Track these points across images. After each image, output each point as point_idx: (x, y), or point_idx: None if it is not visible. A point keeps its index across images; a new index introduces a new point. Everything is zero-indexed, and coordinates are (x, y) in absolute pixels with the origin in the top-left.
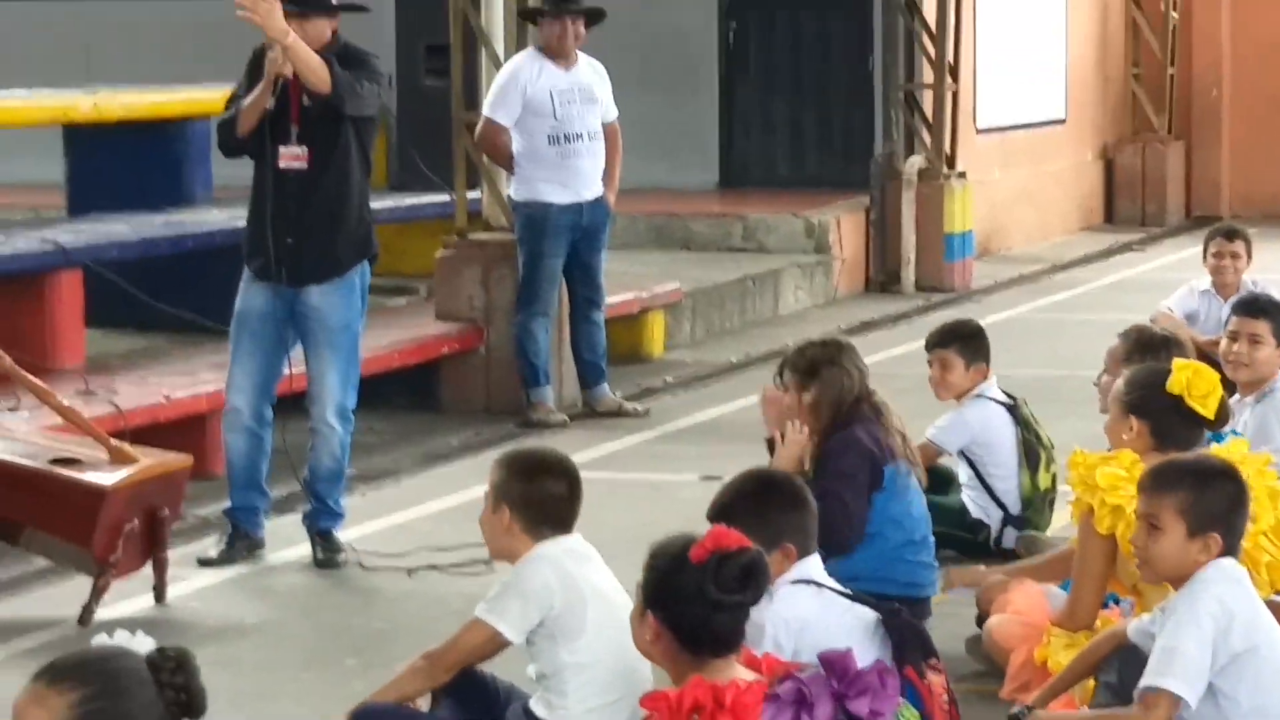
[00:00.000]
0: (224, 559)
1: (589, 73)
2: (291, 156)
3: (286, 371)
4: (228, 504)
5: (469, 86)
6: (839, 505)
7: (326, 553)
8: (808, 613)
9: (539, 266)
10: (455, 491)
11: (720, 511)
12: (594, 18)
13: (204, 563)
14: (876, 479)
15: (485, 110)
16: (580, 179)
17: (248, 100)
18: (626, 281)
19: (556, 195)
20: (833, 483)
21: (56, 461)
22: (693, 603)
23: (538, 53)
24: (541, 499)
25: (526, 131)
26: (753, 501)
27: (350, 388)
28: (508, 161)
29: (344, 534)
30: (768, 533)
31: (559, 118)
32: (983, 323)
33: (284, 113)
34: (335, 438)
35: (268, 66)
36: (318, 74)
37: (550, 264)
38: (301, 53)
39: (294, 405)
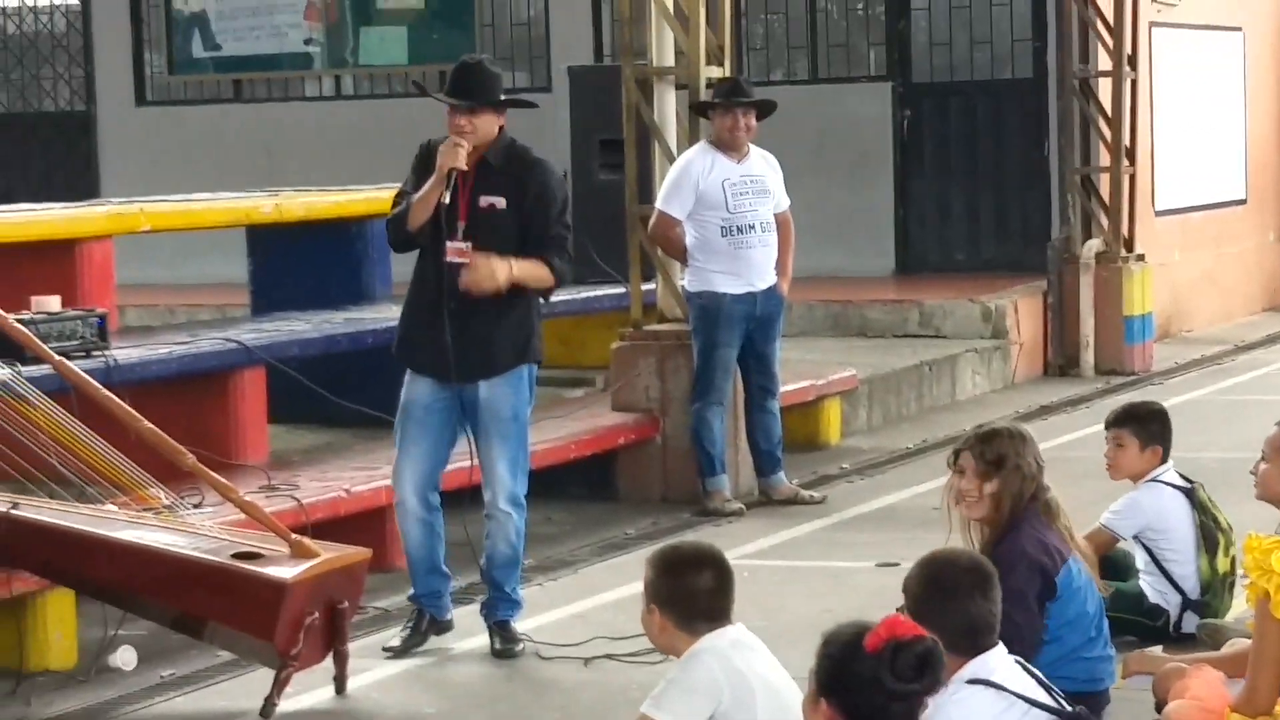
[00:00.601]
0: (408, 646)
1: (761, 164)
2: (456, 252)
3: (449, 459)
4: (411, 591)
5: (643, 180)
6: (1010, 627)
7: (504, 643)
8: (982, 716)
9: (714, 356)
10: (632, 581)
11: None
12: (765, 109)
13: (389, 652)
14: (1049, 590)
15: (659, 203)
16: (753, 269)
17: (418, 195)
18: (802, 369)
19: (730, 285)
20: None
21: (239, 556)
22: (867, 691)
23: (710, 146)
24: (689, 594)
25: (700, 224)
26: (932, 589)
27: (521, 474)
28: (681, 254)
29: (521, 624)
30: (957, 621)
31: (732, 209)
32: (1164, 404)
33: (452, 208)
34: (510, 524)
35: (440, 159)
36: (542, 284)
37: (725, 353)
38: (524, 271)
39: (474, 496)
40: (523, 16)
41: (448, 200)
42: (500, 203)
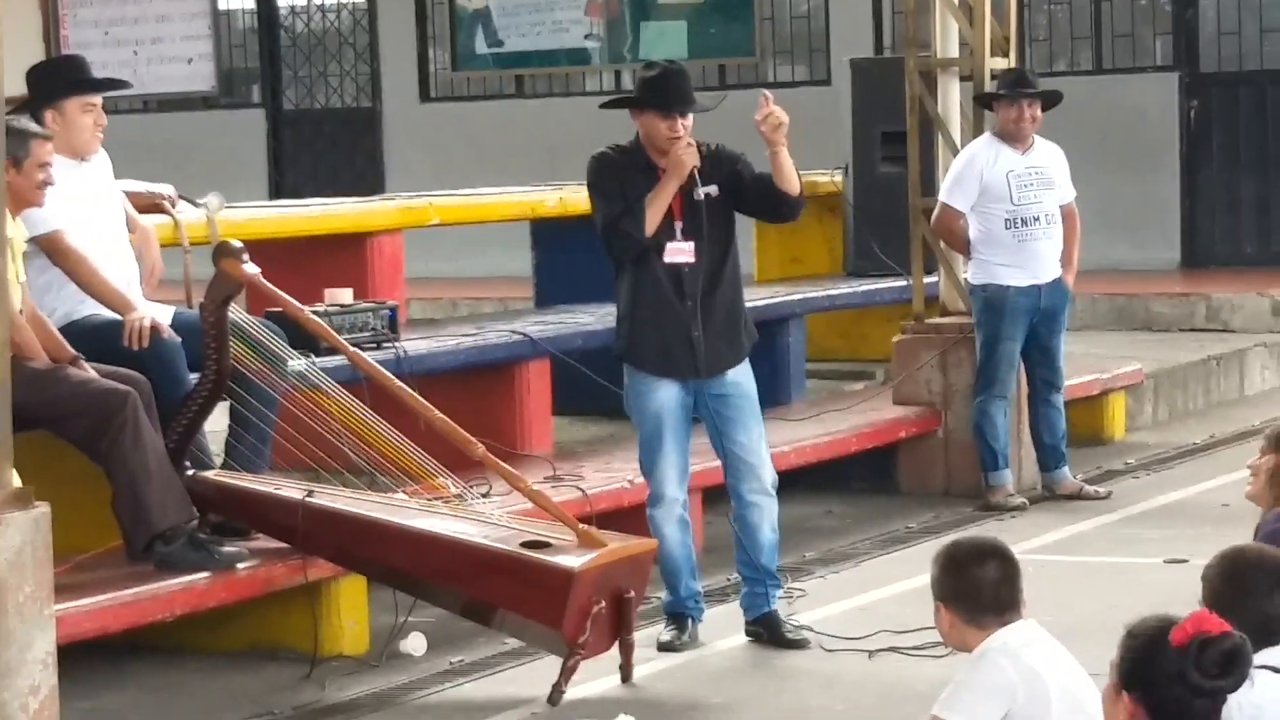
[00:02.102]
0: (681, 645)
1: (1046, 155)
2: (678, 251)
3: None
4: (668, 596)
5: (926, 172)
6: None
7: (788, 631)
8: (1266, 700)
9: (997, 349)
10: (915, 575)
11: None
12: (1051, 100)
13: (663, 648)
14: None
15: (942, 196)
16: (1038, 261)
17: (651, 197)
18: (1087, 363)
19: (1014, 278)
20: None
21: (527, 545)
22: (1172, 685)
23: (994, 137)
24: (974, 588)
25: (984, 216)
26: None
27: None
28: (964, 246)
29: (804, 616)
30: (1253, 619)
31: (1016, 201)
32: None
33: (668, 209)
34: (775, 507)
35: (680, 163)
36: (795, 174)
37: (1008, 347)
38: (787, 154)
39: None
40: (802, 9)
41: (701, 196)
42: (714, 190)
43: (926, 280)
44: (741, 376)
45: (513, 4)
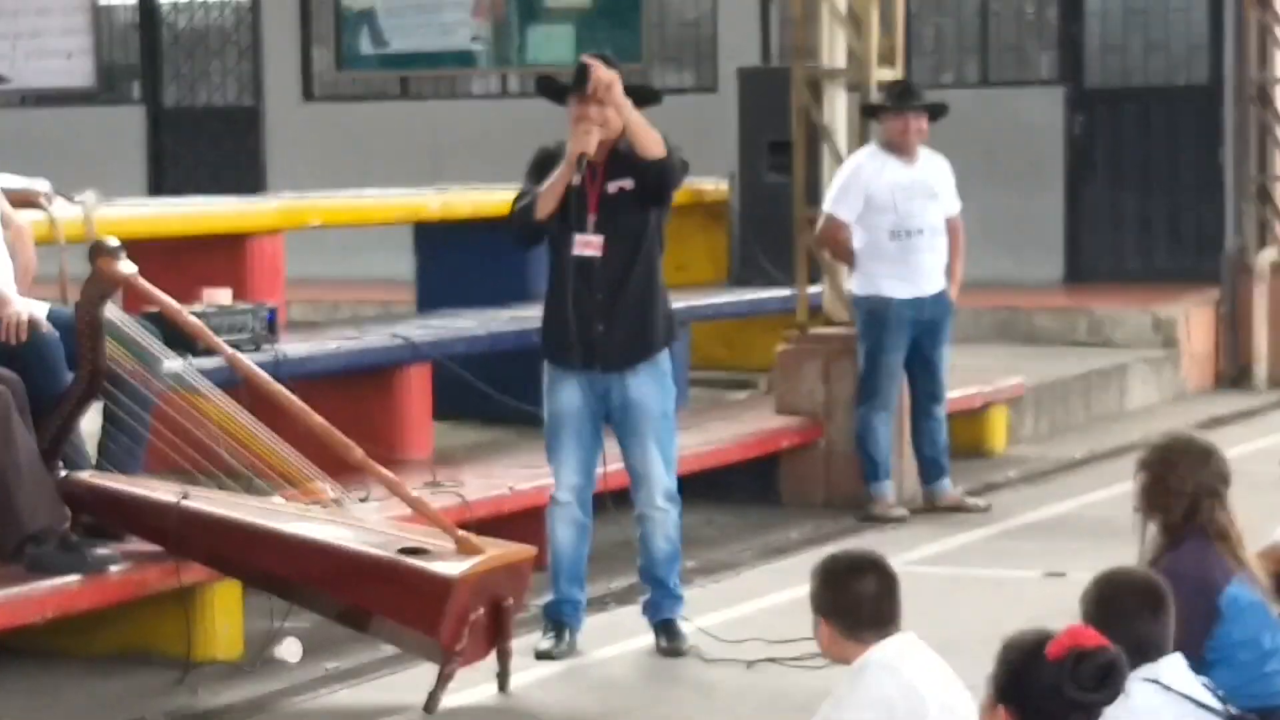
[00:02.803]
0: (560, 654)
1: (931, 168)
2: (584, 244)
3: (601, 466)
4: (550, 598)
5: (811, 182)
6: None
7: (670, 641)
8: (1147, 707)
9: (880, 361)
10: (795, 585)
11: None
12: (936, 113)
13: (541, 656)
14: (1211, 614)
15: (827, 206)
16: (922, 274)
17: (545, 183)
18: (969, 376)
19: (898, 290)
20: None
21: (405, 551)
22: (1048, 699)
23: (880, 148)
24: (853, 603)
25: (868, 227)
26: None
27: (672, 470)
28: (849, 257)
29: (683, 626)
30: (1127, 640)
31: (900, 213)
32: None
33: (581, 200)
34: (669, 520)
35: (571, 145)
36: (651, 135)
37: (891, 358)
38: (636, 115)
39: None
40: (690, 16)
41: (577, 182)
42: (628, 184)
43: (810, 290)
44: (640, 391)
45: (399, 4)
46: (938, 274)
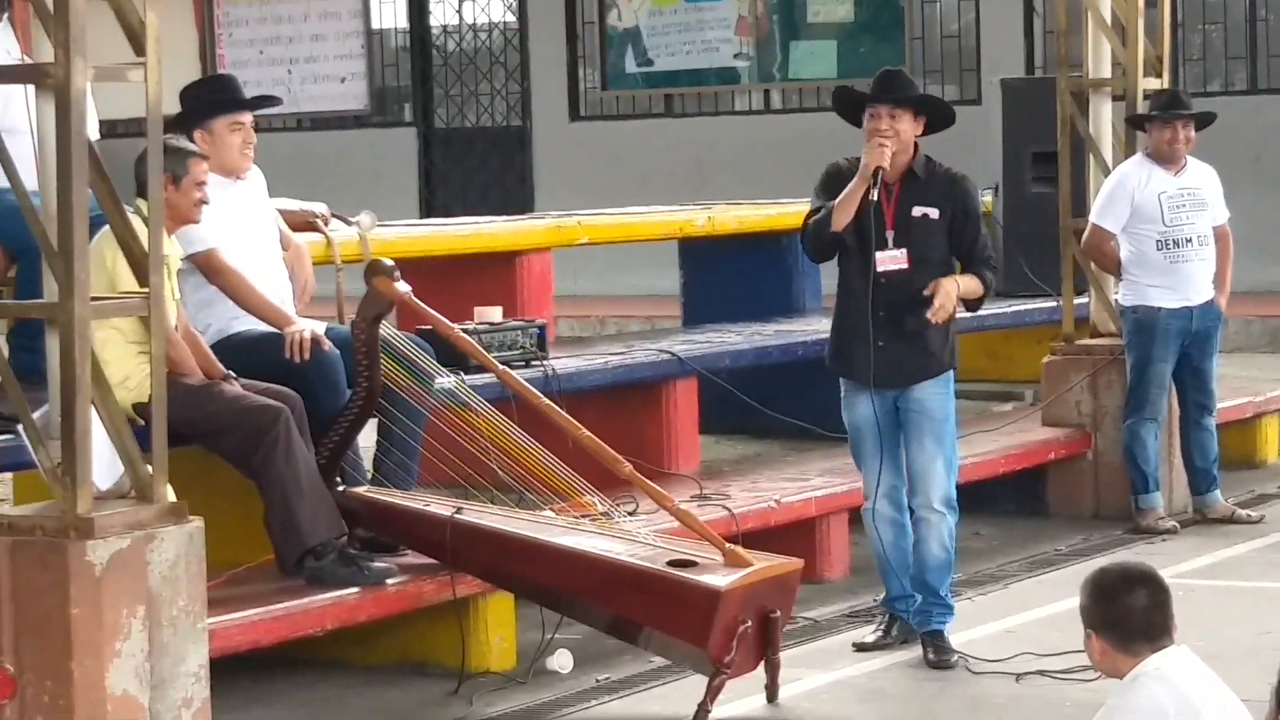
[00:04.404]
0: (879, 645)
1: (1199, 177)
2: (890, 260)
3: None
4: (884, 594)
5: (1077, 193)
6: None
7: (939, 654)
8: None
9: (1149, 371)
10: (1063, 598)
11: None
12: (1204, 121)
13: (859, 647)
14: None
15: (1093, 216)
16: (1190, 283)
17: (840, 196)
18: (1239, 386)
19: (1166, 300)
20: None
21: (674, 563)
22: None
23: (1146, 158)
24: (1124, 615)
25: (1135, 237)
26: None
27: (953, 476)
28: (1115, 267)
29: (952, 638)
30: None
31: (1168, 223)
32: None
33: (879, 217)
34: (945, 525)
35: (865, 159)
36: (975, 295)
37: (1160, 369)
38: (966, 289)
39: None
40: (953, 28)
41: (875, 198)
42: (934, 213)
43: (1077, 301)
44: (926, 394)
45: (663, 24)
46: (1206, 283)
